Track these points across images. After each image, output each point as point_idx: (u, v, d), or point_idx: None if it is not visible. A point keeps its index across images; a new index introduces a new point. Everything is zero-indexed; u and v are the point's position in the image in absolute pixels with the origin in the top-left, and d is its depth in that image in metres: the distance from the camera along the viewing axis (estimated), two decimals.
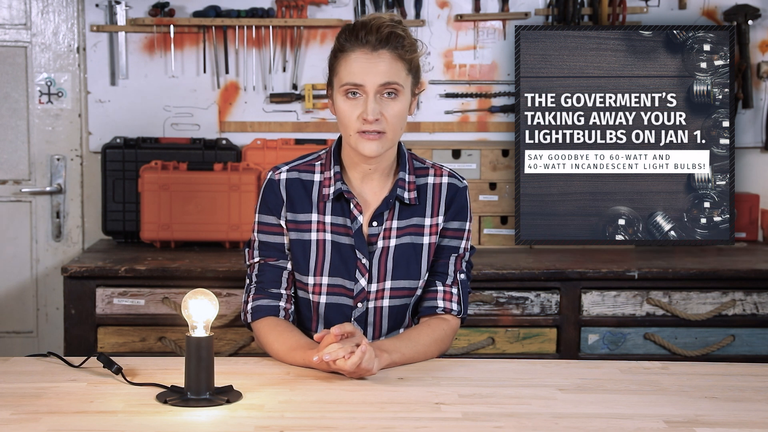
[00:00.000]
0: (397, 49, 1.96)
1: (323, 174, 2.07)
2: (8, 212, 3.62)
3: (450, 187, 2.10)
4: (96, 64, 3.57)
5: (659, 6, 3.59)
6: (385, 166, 2.07)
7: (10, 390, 1.77)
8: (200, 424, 1.61)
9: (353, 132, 1.97)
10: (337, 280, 2.06)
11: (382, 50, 1.95)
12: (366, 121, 1.95)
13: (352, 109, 1.97)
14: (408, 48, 1.98)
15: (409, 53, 1.98)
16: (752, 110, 3.66)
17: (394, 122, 1.98)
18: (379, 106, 1.95)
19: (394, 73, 1.96)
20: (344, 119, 1.99)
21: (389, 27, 1.96)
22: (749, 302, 3.06)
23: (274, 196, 2.07)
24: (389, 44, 1.96)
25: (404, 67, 1.98)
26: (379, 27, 1.95)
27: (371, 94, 1.95)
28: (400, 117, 1.99)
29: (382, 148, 1.98)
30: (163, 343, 3.01)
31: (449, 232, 2.10)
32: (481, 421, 1.63)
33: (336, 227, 2.06)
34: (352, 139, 1.98)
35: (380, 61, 1.95)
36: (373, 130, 1.95)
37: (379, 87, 1.95)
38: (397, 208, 2.07)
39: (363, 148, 1.97)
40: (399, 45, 1.96)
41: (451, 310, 2.09)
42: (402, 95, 1.98)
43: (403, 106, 1.99)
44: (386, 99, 1.96)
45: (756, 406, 1.74)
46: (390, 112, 1.96)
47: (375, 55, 1.95)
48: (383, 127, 1.96)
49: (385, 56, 1.95)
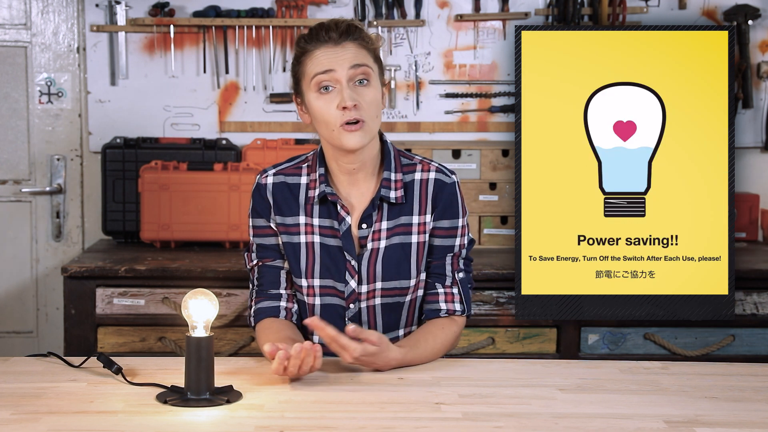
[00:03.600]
0: (359, 39, 1.99)
1: (309, 176, 2.07)
2: (8, 212, 3.62)
3: (436, 183, 2.07)
4: (96, 64, 3.57)
5: (659, 6, 3.59)
6: (370, 165, 2.05)
7: (10, 390, 1.77)
8: (200, 424, 1.61)
9: (335, 127, 1.96)
10: (328, 282, 2.06)
11: (346, 41, 1.98)
12: (345, 108, 1.94)
13: (328, 104, 1.97)
14: (368, 38, 2.02)
15: (371, 43, 2.01)
16: (752, 110, 3.66)
17: (371, 109, 1.97)
18: (354, 94, 1.96)
19: (362, 57, 1.98)
20: (322, 116, 1.98)
21: (346, 21, 2.00)
22: (749, 302, 3.07)
23: (262, 200, 2.08)
24: (350, 35, 1.98)
25: (370, 55, 2.00)
26: (337, 23, 1.99)
27: (344, 80, 1.95)
28: (375, 104, 1.99)
29: (364, 139, 1.97)
30: (163, 343, 3.01)
31: (441, 232, 2.08)
32: (481, 421, 1.63)
33: (324, 229, 2.06)
34: (334, 135, 1.97)
35: (345, 50, 1.97)
36: (353, 118, 1.94)
37: (351, 71, 1.96)
38: (385, 208, 2.06)
39: (347, 141, 1.96)
40: (360, 36, 2.00)
41: (455, 311, 2.09)
42: (373, 81, 1.99)
43: (377, 93, 2.00)
44: (359, 87, 1.97)
45: (756, 406, 1.74)
46: (366, 99, 1.97)
47: (340, 47, 1.97)
48: (362, 115, 1.96)
49: (349, 46, 1.98)
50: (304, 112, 2.04)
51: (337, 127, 1.96)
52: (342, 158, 2.03)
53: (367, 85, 1.98)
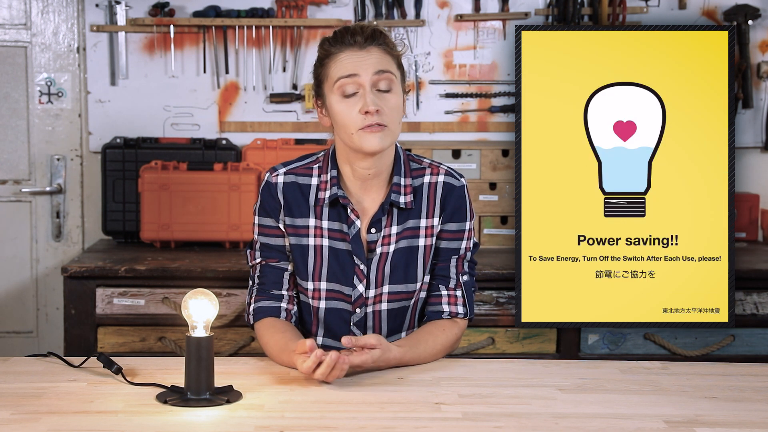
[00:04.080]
0: (384, 45, 1.98)
1: (320, 177, 2.06)
2: (8, 212, 3.62)
3: (445, 186, 2.07)
4: (96, 64, 3.57)
5: (659, 6, 3.59)
6: (384, 171, 2.04)
7: (10, 390, 1.77)
8: (200, 424, 1.61)
9: (355, 130, 1.95)
10: (335, 286, 2.05)
11: (370, 46, 1.97)
12: (368, 113, 1.93)
13: (350, 108, 1.95)
14: (392, 45, 2.01)
15: (394, 49, 2.01)
16: (752, 110, 3.66)
17: (394, 115, 1.96)
18: (377, 100, 1.94)
19: (386, 64, 1.97)
20: (343, 119, 1.96)
21: (372, 27, 1.99)
22: (749, 302, 3.07)
23: (272, 199, 2.06)
24: (375, 40, 1.98)
25: (394, 61, 1.99)
26: (362, 27, 1.98)
27: (368, 86, 1.94)
28: (398, 110, 1.98)
29: (384, 142, 1.95)
30: (163, 343, 3.01)
31: (448, 234, 2.08)
32: (481, 421, 1.63)
33: (333, 233, 2.05)
34: (354, 138, 1.96)
35: (370, 55, 1.96)
36: (374, 123, 1.93)
37: (374, 77, 1.94)
38: (395, 213, 2.05)
39: (367, 143, 1.94)
40: (385, 42, 1.99)
41: (458, 313, 2.09)
42: (396, 88, 1.98)
43: (399, 99, 1.99)
44: (382, 93, 1.96)
45: (756, 406, 1.74)
46: (388, 105, 1.96)
47: (365, 51, 1.96)
48: (383, 120, 1.94)
49: (374, 51, 1.97)
50: (324, 114, 2.03)
51: (357, 130, 1.95)
52: (359, 162, 2.01)
53: (389, 91, 1.97)
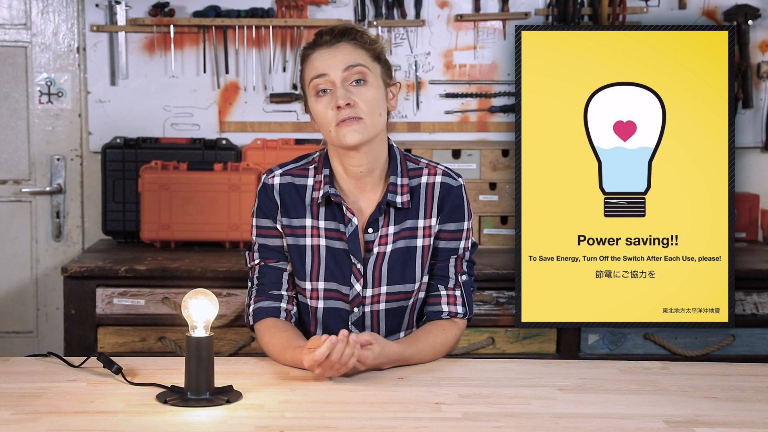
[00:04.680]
0: (355, 40, 2.00)
1: (315, 178, 2.07)
2: (8, 212, 3.63)
3: (443, 187, 2.07)
4: (96, 64, 3.57)
5: (659, 6, 3.59)
6: (377, 169, 2.04)
7: (10, 390, 1.77)
8: (200, 424, 1.61)
9: (332, 127, 1.96)
10: (332, 285, 2.05)
11: (340, 43, 1.99)
12: (339, 108, 1.95)
13: (325, 107, 1.97)
14: (366, 39, 2.01)
15: (368, 43, 2.01)
16: (752, 110, 3.66)
17: (369, 108, 1.97)
18: (349, 94, 1.96)
19: (357, 57, 1.98)
20: (320, 118, 1.99)
21: (344, 25, 2.02)
22: (749, 302, 3.07)
23: (269, 200, 2.07)
24: (345, 36, 1.99)
25: (367, 54, 2.00)
26: (333, 27, 2.01)
27: (338, 81, 1.96)
28: (375, 102, 1.98)
29: (362, 135, 1.96)
30: (163, 343, 3.02)
31: (446, 234, 2.08)
32: (481, 421, 1.63)
33: (330, 232, 2.05)
34: (332, 135, 1.97)
35: (339, 51, 1.98)
36: (347, 116, 1.94)
37: (344, 73, 1.96)
38: (392, 213, 2.06)
39: (344, 137, 1.95)
40: (356, 36, 2.00)
41: (457, 313, 2.09)
42: (372, 80, 1.98)
43: (376, 92, 1.99)
44: (356, 87, 1.97)
45: (756, 406, 1.74)
46: (363, 98, 1.96)
47: (334, 48, 1.98)
48: (358, 113, 1.95)
49: (344, 47, 1.99)
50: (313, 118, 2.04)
51: (333, 126, 1.96)
52: (347, 160, 2.02)
53: (364, 84, 1.97)
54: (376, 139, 2.01)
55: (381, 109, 2.00)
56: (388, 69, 2.06)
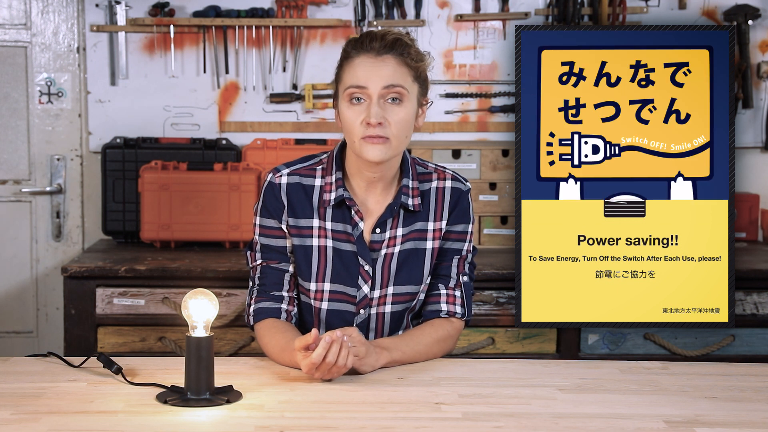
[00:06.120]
0: (402, 56, 1.95)
1: (324, 179, 2.05)
2: (8, 212, 3.63)
3: (453, 192, 2.09)
4: (96, 64, 3.57)
5: (659, 6, 3.59)
6: (390, 175, 2.04)
7: (10, 390, 1.77)
8: (200, 424, 1.61)
9: (357, 138, 1.95)
10: (339, 287, 2.05)
11: (387, 55, 1.94)
12: (369, 125, 1.92)
13: (355, 116, 1.95)
14: (414, 56, 1.97)
15: (414, 61, 1.96)
16: (752, 110, 3.66)
17: (399, 129, 1.95)
18: (382, 111, 1.93)
19: (399, 77, 1.94)
20: (348, 125, 1.96)
21: (394, 35, 1.96)
22: (749, 302, 3.07)
23: (275, 200, 2.05)
24: (394, 50, 1.94)
25: (409, 73, 1.96)
26: (384, 34, 1.95)
27: (375, 97, 1.93)
28: (405, 124, 1.96)
29: (386, 154, 1.95)
30: (163, 343, 3.02)
31: (453, 235, 2.10)
32: (481, 421, 1.63)
33: (337, 234, 2.05)
34: (356, 146, 1.96)
35: (384, 65, 1.94)
36: (376, 135, 1.93)
37: (383, 90, 1.93)
38: (402, 215, 2.06)
39: (367, 152, 1.94)
40: (404, 52, 1.95)
41: (455, 313, 2.09)
42: (407, 101, 1.96)
43: (408, 113, 1.96)
44: (390, 105, 1.94)
45: (756, 406, 1.74)
46: (394, 118, 1.94)
47: (379, 59, 1.94)
48: (387, 133, 1.93)
49: (389, 60, 1.94)
50: (338, 115, 2.02)
51: (359, 139, 1.95)
52: (364, 168, 2.01)
53: (399, 104, 1.95)
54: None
55: (409, 130, 1.99)
56: (425, 89, 2.03)
